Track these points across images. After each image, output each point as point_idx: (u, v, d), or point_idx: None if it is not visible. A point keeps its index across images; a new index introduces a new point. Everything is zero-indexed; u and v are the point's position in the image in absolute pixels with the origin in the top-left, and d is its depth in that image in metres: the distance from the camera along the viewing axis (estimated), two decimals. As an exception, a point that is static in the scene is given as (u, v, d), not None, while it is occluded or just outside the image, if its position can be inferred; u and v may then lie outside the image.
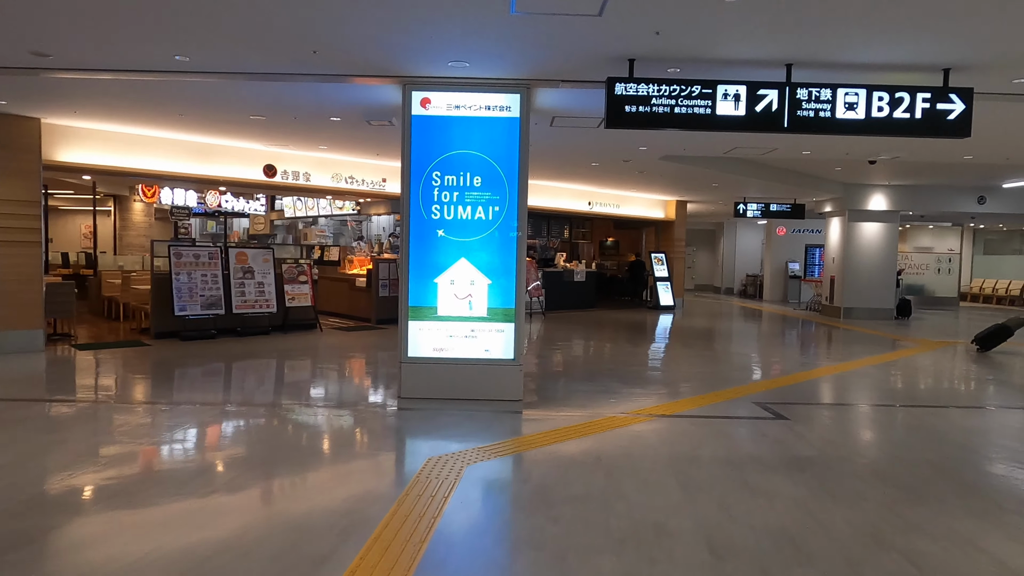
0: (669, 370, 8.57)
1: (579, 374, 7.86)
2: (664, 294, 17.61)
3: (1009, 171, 13.36)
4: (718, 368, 8.52)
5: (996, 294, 23.51)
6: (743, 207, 16.34)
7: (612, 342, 11.01)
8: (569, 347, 10.38)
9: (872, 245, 15.99)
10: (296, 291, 10.99)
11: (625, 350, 9.95)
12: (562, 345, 10.55)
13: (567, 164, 11.57)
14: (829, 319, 15.70)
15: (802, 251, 22.22)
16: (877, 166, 12.99)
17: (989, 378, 8.32)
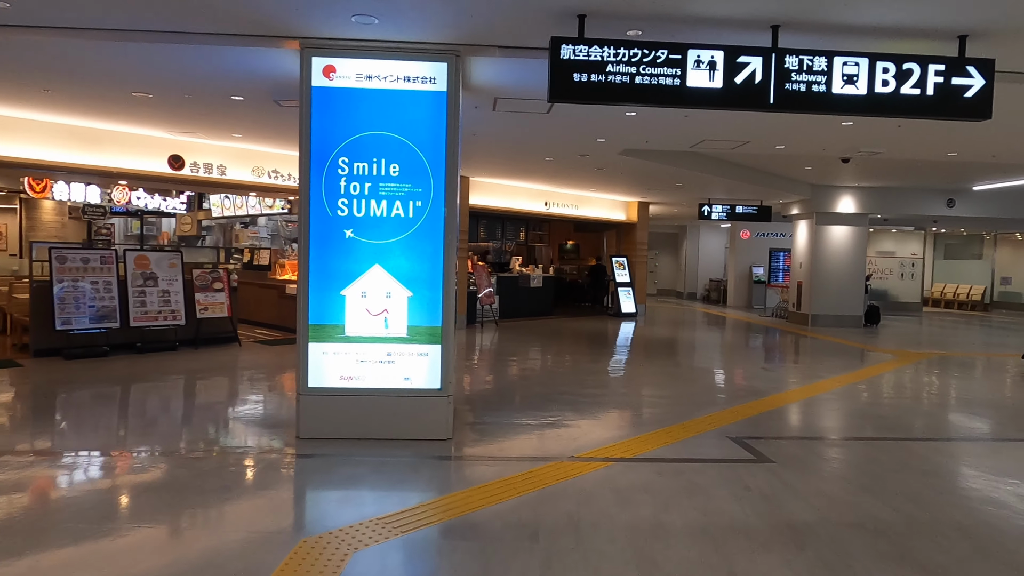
0: (630, 392, 7.51)
1: (527, 398, 6.72)
2: (626, 300, 16.65)
3: (981, 173, 12.77)
4: (684, 389, 7.50)
5: (957, 299, 23.28)
6: (708, 209, 15.49)
7: (568, 356, 9.93)
8: (520, 362, 9.25)
9: (840, 249, 15.30)
10: (209, 300, 9.61)
11: (582, 367, 8.86)
12: (512, 360, 9.41)
13: (519, 159, 10.47)
14: (797, 327, 14.95)
15: (766, 255, 21.56)
16: (848, 166, 12.23)
17: (987, 398, 7.48)
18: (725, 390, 7.52)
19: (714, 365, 9.51)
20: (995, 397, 7.50)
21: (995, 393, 7.74)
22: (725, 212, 15.54)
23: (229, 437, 5.29)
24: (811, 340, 12.66)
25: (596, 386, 7.47)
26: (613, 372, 8.65)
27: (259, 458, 4.67)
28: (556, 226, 20.69)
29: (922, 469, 4.71)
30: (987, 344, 12.70)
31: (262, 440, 5.10)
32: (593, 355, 10.02)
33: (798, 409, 6.64)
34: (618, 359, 9.90)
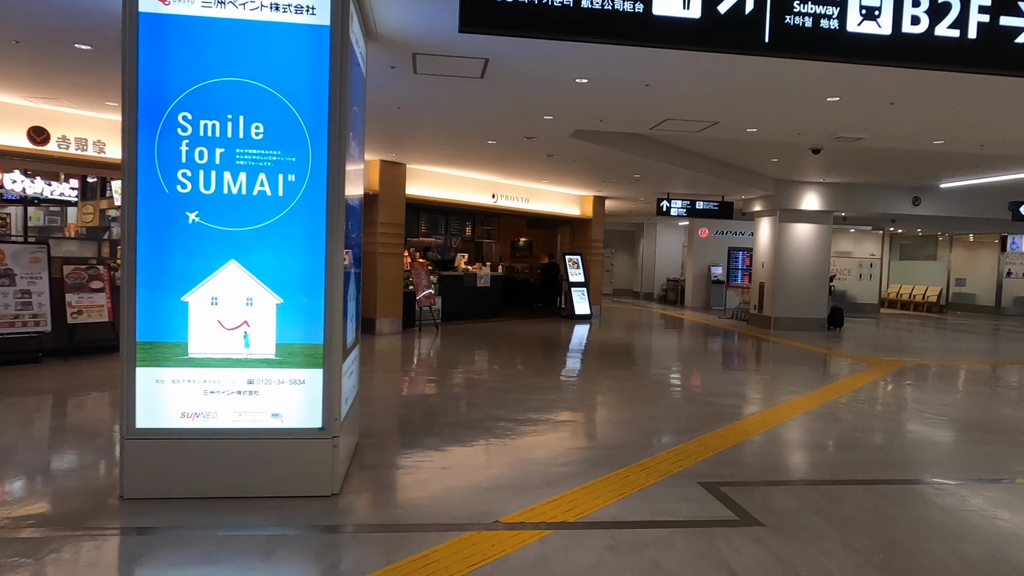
0: (579, 417, 6.32)
1: (454, 426, 5.46)
2: (579, 302, 15.54)
3: (950, 169, 12.07)
4: (642, 411, 6.35)
5: (913, 300, 22.99)
6: (667, 204, 14.48)
7: (512, 367, 8.71)
8: (454, 376, 7.98)
9: (804, 248, 14.50)
10: (84, 302, 8.05)
11: (525, 381, 7.64)
12: (446, 373, 8.14)
13: (458, 142, 9.19)
14: (759, 330, 14.08)
15: (725, 254, 20.80)
16: (815, 159, 11.34)
17: (993, 420, 6.54)
18: (689, 412, 6.40)
19: (675, 378, 8.42)
20: (1002, 418, 6.58)
21: (999, 413, 6.82)
22: (685, 208, 14.57)
23: (19, 499, 3.86)
24: (776, 346, 11.74)
25: (539, 408, 6.25)
26: (560, 389, 7.46)
27: (54, 536, 3.28)
28: (507, 222, 19.47)
29: (952, 531, 3.63)
30: (958, 350, 12.00)
31: (67, 504, 3.69)
32: (540, 366, 8.82)
33: (777, 438, 5.55)
34: (568, 371, 8.71)
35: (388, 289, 11.18)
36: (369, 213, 11.21)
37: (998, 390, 8.15)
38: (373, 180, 11.05)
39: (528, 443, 5.07)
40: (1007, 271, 21.92)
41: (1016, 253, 21.84)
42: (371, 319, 11.09)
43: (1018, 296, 22.02)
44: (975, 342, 13.32)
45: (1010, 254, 21.83)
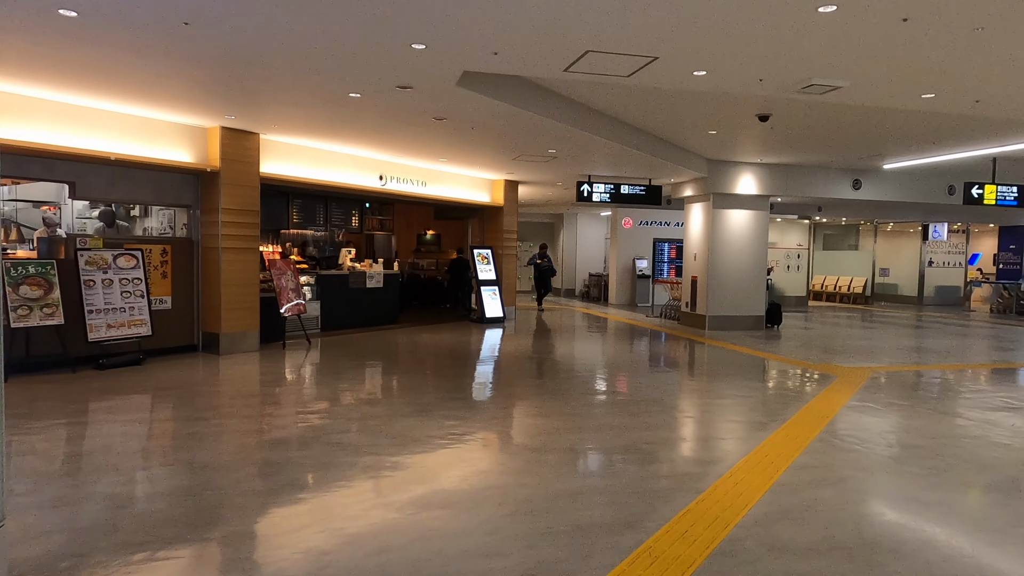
0: (459, 504, 4.12)
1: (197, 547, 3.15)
2: (491, 302, 13.39)
3: (896, 146, 10.69)
4: (559, 485, 4.23)
5: (839, 291, 22.25)
6: (587, 188, 12.53)
7: (382, 401, 6.43)
8: (281, 420, 5.60)
9: (741, 238, 12.91)
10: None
11: (392, 428, 5.38)
12: (274, 414, 5.75)
13: (310, 96, 6.77)
14: (692, 331, 12.38)
15: (650, 246, 19.23)
16: (757, 133, 9.65)
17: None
18: (629, 481, 4.31)
19: (600, 412, 6.38)
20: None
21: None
22: (608, 192, 12.66)
23: None
24: (716, 352, 9.99)
25: (394, 489, 4.00)
26: (443, 438, 5.23)
27: None
28: (412, 212, 17.09)
29: None
30: (916, 350, 10.63)
31: None
32: (422, 397, 6.57)
33: (768, 532, 3.54)
34: (460, 405, 6.51)
35: (237, 295, 8.63)
36: (207, 197, 8.62)
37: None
38: (211, 153, 8.46)
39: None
40: (928, 260, 21.48)
41: (937, 242, 21.41)
42: (213, 333, 8.52)
43: (939, 285, 21.63)
44: (925, 338, 12.10)
45: (931, 243, 21.37)
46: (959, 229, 21.76)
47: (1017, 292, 18.60)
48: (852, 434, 5.33)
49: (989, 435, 5.42)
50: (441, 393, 6.65)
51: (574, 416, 5.80)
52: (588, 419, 5.73)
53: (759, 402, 6.54)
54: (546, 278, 16.27)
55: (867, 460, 4.66)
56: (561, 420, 5.64)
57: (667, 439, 5.14)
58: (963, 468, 4.54)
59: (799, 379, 7.86)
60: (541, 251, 16.35)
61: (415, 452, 4.64)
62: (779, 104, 7.71)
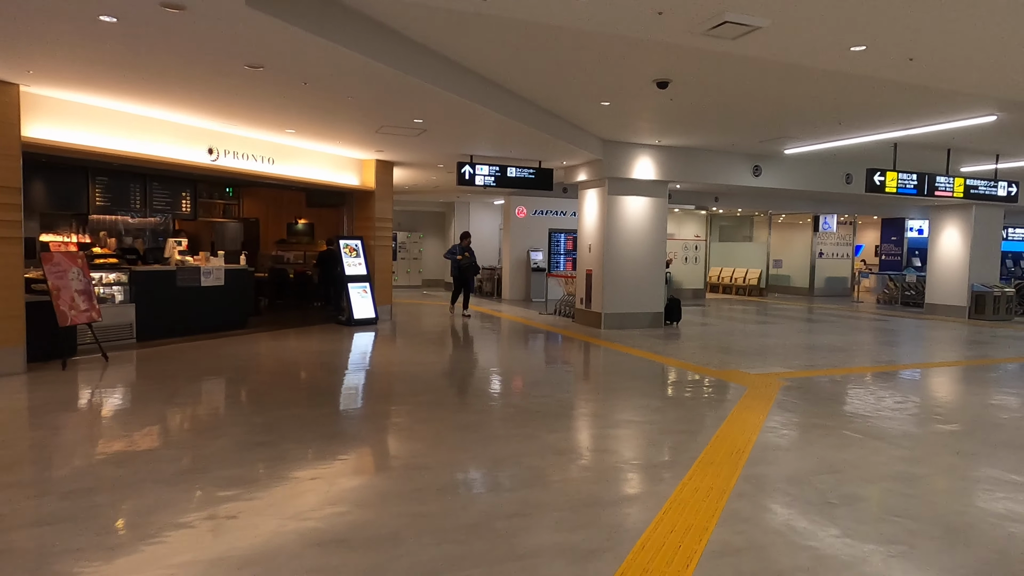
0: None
1: None
2: (360, 301, 11.58)
3: (799, 131, 9.87)
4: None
5: (735, 283, 22.00)
6: (469, 170, 10.97)
7: (142, 462, 4.58)
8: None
9: (639, 228, 11.79)
10: None
11: (128, 507, 3.59)
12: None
13: (45, 15, 4.75)
14: (587, 331, 11.14)
15: (545, 237, 17.99)
16: (654, 108, 8.46)
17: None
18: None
19: (481, 457, 4.84)
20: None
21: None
22: (494, 176, 11.16)
23: None
24: (614, 357, 8.73)
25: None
26: (170, 542, 3.50)
27: None
28: (285, 197, 14.94)
29: None
30: (821, 348, 9.83)
31: None
32: (208, 446, 4.77)
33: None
34: (250, 466, 4.75)
35: (-12, 299, 6.42)
36: (-66, 166, 6.33)
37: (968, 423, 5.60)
38: (-61, 106, 6.18)
39: None
40: (819, 252, 21.58)
41: (826, 233, 21.53)
42: (-53, 354, 6.27)
43: (829, 277, 21.81)
44: (826, 334, 11.45)
45: (821, 234, 21.47)
46: (847, 221, 22.01)
47: (902, 283, 18.84)
48: (778, 479, 4.06)
49: (943, 475, 4.33)
50: (238, 436, 4.86)
51: (435, 471, 4.21)
52: (449, 480, 4.15)
53: (659, 431, 5.22)
54: (467, 276, 13.54)
55: (809, 532, 3.36)
56: (416, 485, 4.04)
57: (537, 503, 3.66)
58: (935, 536, 3.34)
59: (705, 393, 6.66)
60: (462, 243, 13.37)
61: (128, 553, 2.90)
62: (680, 65, 6.44)
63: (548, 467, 4.23)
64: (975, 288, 14.82)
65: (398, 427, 5.19)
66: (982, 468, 4.38)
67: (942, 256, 15.53)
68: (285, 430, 4.96)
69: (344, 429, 5.02)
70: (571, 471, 4.16)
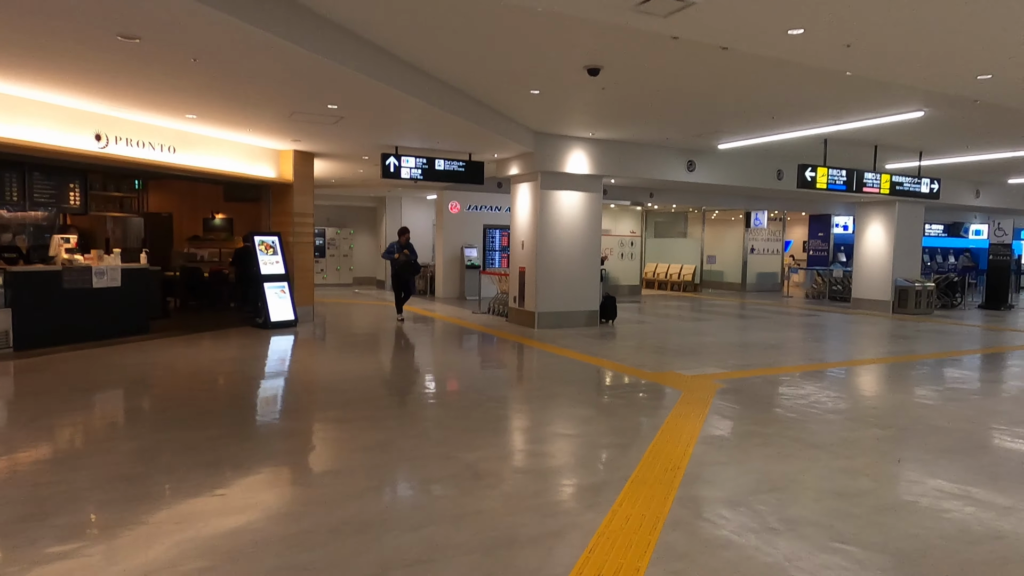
0: None
1: None
2: (278, 303, 10.76)
3: (732, 125, 9.71)
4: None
5: (670, 280, 22.06)
6: (395, 162, 10.33)
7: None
8: None
9: (573, 224, 11.42)
10: None
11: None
12: None
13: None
14: (521, 331, 10.69)
15: (480, 234, 17.48)
16: (583, 98, 8.09)
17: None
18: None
19: (387, 484, 4.28)
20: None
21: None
22: (421, 169, 10.56)
23: None
24: (547, 360, 8.31)
25: None
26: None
27: None
28: (201, 190, 13.87)
29: None
30: (756, 346, 9.69)
31: None
32: (77, 491, 4.04)
33: None
34: (142, 496, 4.06)
35: None
36: None
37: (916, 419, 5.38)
38: None
39: None
40: (751, 248, 21.87)
41: (758, 229, 21.85)
42: None
43: (760, 272, 22.14)
44: (759, 331, 11.38)
45: (753, 230, 21.77)
46: (777, 217, 22.40)
47: (829, 278, 19.26)
48: (716, 502, 3.68)
49: (888, 489, 4.05)
50: (101, 468, 4.15)
51: (348, 496, 3.62)
52: (362, 515, 3.58)
53: (590, 444, 4.80)
54: (406, 276, 11.87)
55: (752, 568, 2.97)
56: (262, 521, 3.45)
57: (445, 544, 3.15)
58: (887, 568, 3.00)
59: (640, 398, 6.30)
60: (400, 240, 11.81)
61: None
62: (612, 50, 6.04)
63: (463, 496, 3.73)
64: (898, 283, 15.19)
65: (295, 451, 4.57)
66: (926, 479, 4.13)
67: (868, 252, 15.86)
68: (160, 458, 4.27)
69: (232, 455, 4.37)
70: (489, 500, 3.66)
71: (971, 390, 6.95)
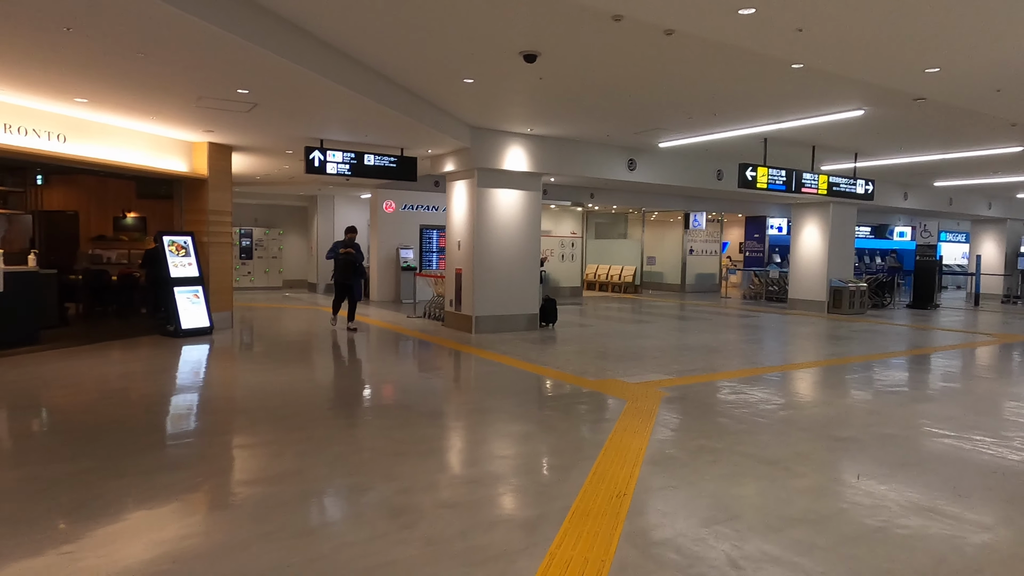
0: None
1: None
2: (190, 308, 9.85)
3: (673, 122, 9.45)
4: None
5: (611, 280, 21.91)
6: (320, 156, 9.60)
7: None
8: None
9: (511, 223, 10.93)
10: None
11: None
12: None
13: None
14: (458, 336, 10.13)
15: (416, 234, 16.80)
16: (520, 88, 7.63)
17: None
18: None
19: (280, 535, 3.65)
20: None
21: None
22: (349, 164, 9.85)
23: None
24: (484, 368, 7.78)
25: None
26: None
27: None
28: (111, 186, 12.71)
29: None
30: (697, 349, 9.42)
31: None
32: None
33: None
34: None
35: None
36: None
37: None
38: None
39: None
40: (689, 249, 21.94)
41: (696, 231, 21.94)
42: None
43: (699, 273, 22.25)
44: (700, 332, 11.17)
45: (691, 232, 21.84)
46: (715, 218, 22.56)
47: (766, 279, 19.46)
48: (668, 538, 3.22)
49: (852, 512, 3.70)
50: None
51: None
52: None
53: (527, 468, 4.29)
54: (350, 278, 10.50)
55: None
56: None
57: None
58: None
59: (581, 411, 5.84)
60: (346, 238, 10.52)
61: None
62: (549, 34, 5.57)
63: (374, 540, 3.14)
64: (833, 283, 15.37)
65: (179, 488, 3.87)
66: (889, 497, 3.81)
67: (803, 253, 16.01)
68: (8, 504, 3.51)
69: (98, 495, 3.65)
70: (404, 546, 3.10)
71: (914, 395, 6.82)
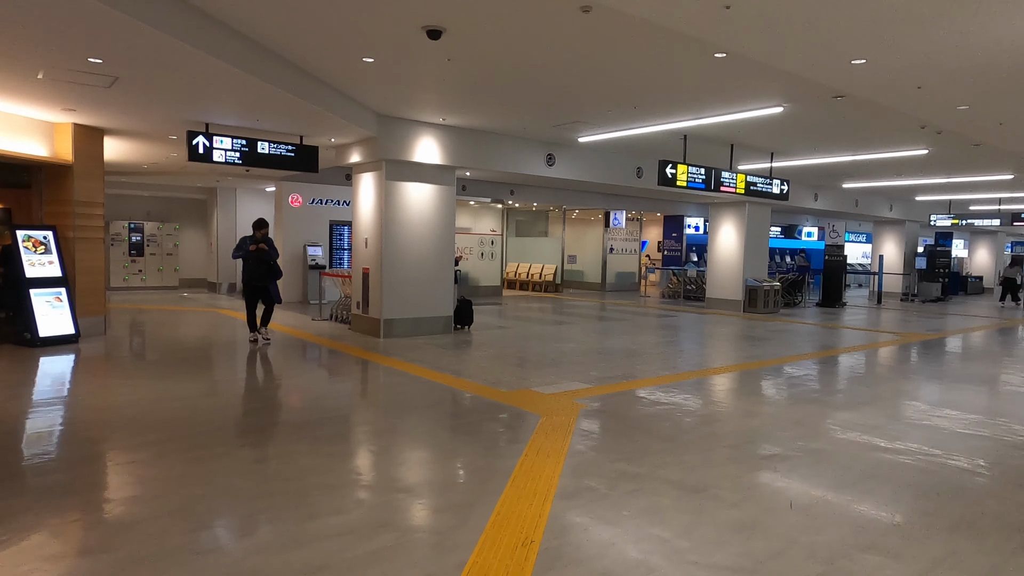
0: None
1: None
2: (51, 313, 8.59)
3: (593, 114, 9.04)
4: None
5: (531, 279, 21.50)
6: (204, 142, 8.56)
7: None
8: None
9: (423, 220, 10.20)
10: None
11: None
12: None
13: None
14: (365, 342, 9.32)
15: (326, 230, 15.77)
16: (427, 72, 6.97)
17: None
18: None
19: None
20: None
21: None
22: (239, 151, 8.85)
23: None
24: (390, 379, 7.05)
25: None
26: None
27: None
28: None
29: None
30: (625, 353, 9.02)
31: None
32: None
33: None
34: None
35: None
36: None
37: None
38: None
39: None
40: (610, 247, 21.84)
41: (616, 229, 21.85)
42: None
43: (619, 272, 22.19)
44: (621, 334, 10.83)
45: (611, 230, 21.74)
46: (634, 217, 22.55)
47: (684, 278, 19.55)
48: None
49: (797, 554, 3.25)
50: None
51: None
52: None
53: (422, 507, 3.64)
54: (264, 279, 9.02)
55: None
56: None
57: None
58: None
59: (491, 429, 5.23)
60: (255, 234, 9.01)
61: None
62: (454, 6, 4.92)
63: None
64: (749, 283, 15.50)
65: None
66: (829, 529, 3.40)
67: (720, 252, 16.08)
68: None
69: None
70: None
71: (835, 401, 6.61)
